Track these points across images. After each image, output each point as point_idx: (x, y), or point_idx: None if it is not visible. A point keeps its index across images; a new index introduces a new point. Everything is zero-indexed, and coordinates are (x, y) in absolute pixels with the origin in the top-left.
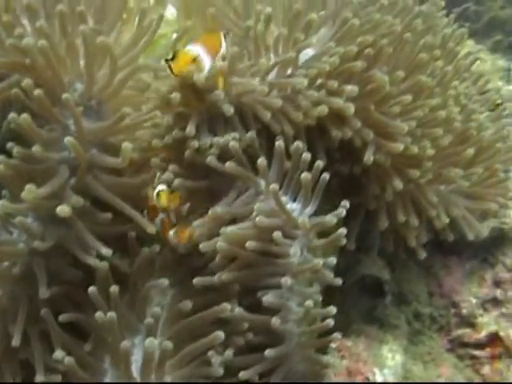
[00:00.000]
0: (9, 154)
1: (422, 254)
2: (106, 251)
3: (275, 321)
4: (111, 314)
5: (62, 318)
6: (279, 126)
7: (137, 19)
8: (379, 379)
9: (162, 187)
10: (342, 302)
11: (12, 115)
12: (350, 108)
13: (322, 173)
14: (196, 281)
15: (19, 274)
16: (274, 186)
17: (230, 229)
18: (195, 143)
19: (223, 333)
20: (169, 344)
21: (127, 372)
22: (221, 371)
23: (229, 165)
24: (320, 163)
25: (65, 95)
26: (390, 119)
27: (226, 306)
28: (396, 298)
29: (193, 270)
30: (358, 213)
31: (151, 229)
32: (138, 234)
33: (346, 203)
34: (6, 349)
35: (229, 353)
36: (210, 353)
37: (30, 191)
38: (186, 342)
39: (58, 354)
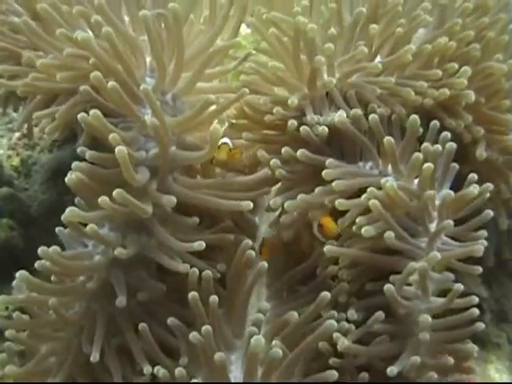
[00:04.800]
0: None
1: None
2: (199, 244)
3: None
4: (207, 327)
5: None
6: (388, 107)
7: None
8: None
9: (225, 140)
10: None
11: (81, 114)
12: (471, 95)
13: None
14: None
15: (95, 289)
16: (430, 166)
17: (390, 183)
18: (294, 122)
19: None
20: (278, 351)
21: None
22: (335, 375)
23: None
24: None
25: (143, 86)
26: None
27: (326, 294)
28: (495, 316)
29: (289, 284)
30: None
31: (247, 205)
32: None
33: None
34: (82, 366)
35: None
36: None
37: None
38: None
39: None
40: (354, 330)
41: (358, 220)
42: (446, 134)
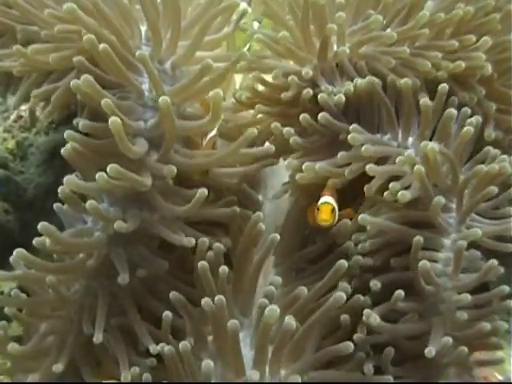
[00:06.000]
0: None
1: None
2: (202, 192)
3: None
4: (220, 297)
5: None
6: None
7: None
8: None
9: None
10: None
11: (74, 81)
12: (488, 67)
13: None
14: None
15: (96, 267)
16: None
17: (432, 145)
18: (310, 90)
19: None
20: (291, 322)
21: (236, 358)
22: (351, 346)
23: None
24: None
25: (139, 52)
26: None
27: (343, 262)
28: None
29: (299, 263)
30: None
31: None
32: None
33: None
34: (83, 346)
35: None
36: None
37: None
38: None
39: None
40: (369, 304)
41: (390, 185)
42: (466, 110)
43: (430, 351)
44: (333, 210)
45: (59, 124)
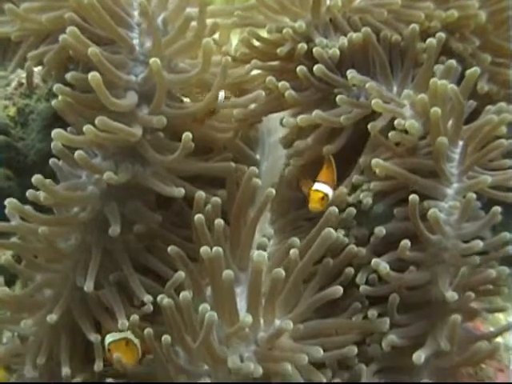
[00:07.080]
0: None
1: None
2: (186, 135)
3: None
4: (217, 248)
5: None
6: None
7: None
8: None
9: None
10: None
11: (62, 36)
12: (482, 16)
13: None
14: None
15: (90, 221)
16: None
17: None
18: (304, 45)
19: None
20: (280, 272)
21: (230, 309)
22: (340, 290)
23: None
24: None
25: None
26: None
27: (334, 208)
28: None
29: (295, 220)
30: None
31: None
32: None
33: None
34: (79, 301)
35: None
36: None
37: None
38: None
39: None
40: (363, 254)
41: (396, 122)
42: (457, 66)
43: (453, 296)
44: (323, 197)
45: None
